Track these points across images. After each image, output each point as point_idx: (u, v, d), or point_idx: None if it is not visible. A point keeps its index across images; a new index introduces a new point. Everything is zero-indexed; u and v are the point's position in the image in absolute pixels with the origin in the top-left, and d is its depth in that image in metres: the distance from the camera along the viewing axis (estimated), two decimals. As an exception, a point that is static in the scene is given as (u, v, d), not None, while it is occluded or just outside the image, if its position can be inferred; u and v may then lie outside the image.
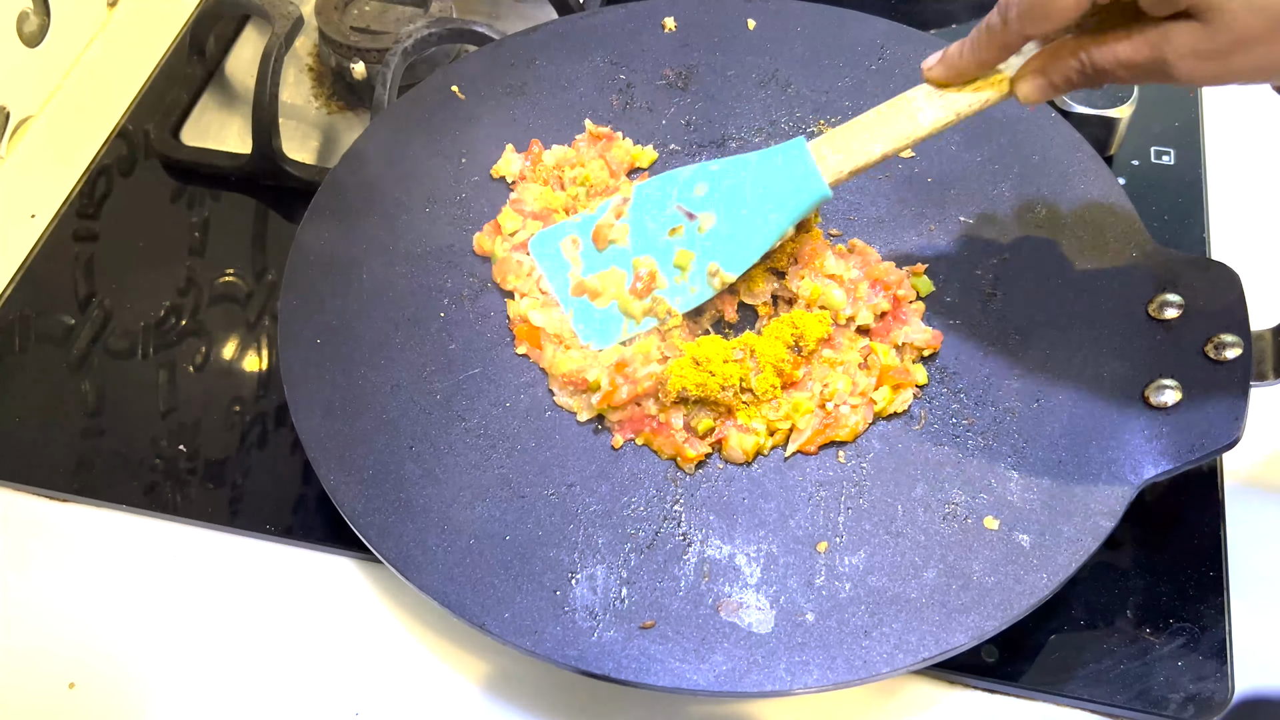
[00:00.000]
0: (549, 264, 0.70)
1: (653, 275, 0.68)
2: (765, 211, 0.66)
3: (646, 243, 0.69)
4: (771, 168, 0.66)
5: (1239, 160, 0.85)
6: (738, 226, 0.66)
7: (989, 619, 0.57)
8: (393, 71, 0.81)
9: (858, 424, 0.64)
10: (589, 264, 0.70)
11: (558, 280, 0.70)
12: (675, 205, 0.68)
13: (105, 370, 0.75)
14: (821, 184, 0.64)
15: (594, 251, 0.70)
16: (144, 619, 0.65)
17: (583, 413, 0.66)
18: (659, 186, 0.69)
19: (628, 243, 0.69)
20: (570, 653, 0.57)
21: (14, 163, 0.87)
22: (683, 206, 0.68)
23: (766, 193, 0.66)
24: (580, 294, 0.69)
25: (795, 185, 0.65)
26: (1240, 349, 0.62)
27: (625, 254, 0.69)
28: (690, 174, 0.68)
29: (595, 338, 0.68)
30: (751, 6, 0.82)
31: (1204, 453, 0.60)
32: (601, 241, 0.69)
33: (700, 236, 0.67)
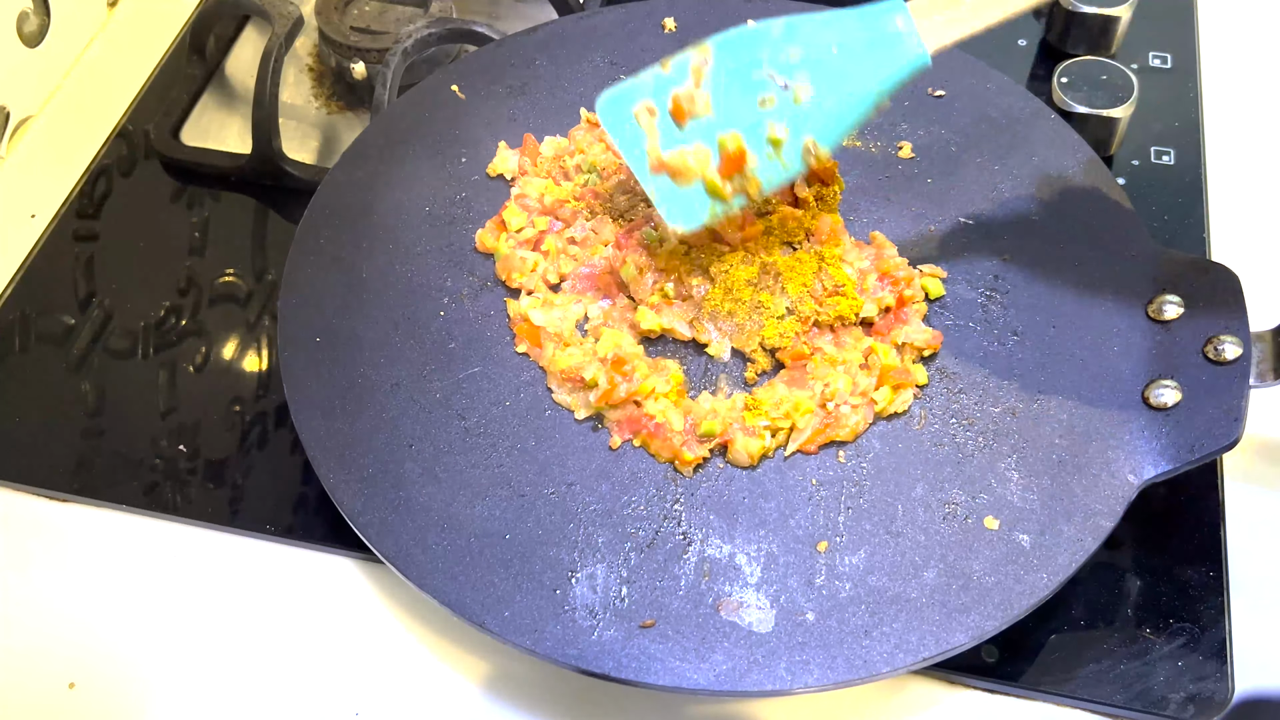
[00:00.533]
0: (621, 134, 0.65)
1: (742, 155, 0.63)
2: (862, 78, 0.61)
3: (733, 114, 0.63)
4: (869, 29, 0.61)
5: (1239, 160, 0.85)
6: (833, 96, 0.62)
7: (989, 619, 0.57)
8: (393, 71, 0.81)
9: (858, 424, 0.64)
10: (667, 137, 0.64)
11: (633, 154, 0.65)
12: (767, 70, 0.62)
13: (105, 370, 0.75)
14: (922, 51, 0.60)
15: (672, 124, 0.64)
16: (144, 619, 0.65)
17: (580, 410, 0.66)
18: (745, 45, 0.63)
19: (712, 112, 0.63)
20: (570, 652, 0.57)
21: (14, 163, 0.87)
22: (775, 73, 0.62)
23: (863, 57, 0.61)
24: (660, 171, 0.64)
25: (894, 50, 0.61)
26: (1240, 349, 0.62)
27: (710, 126, 0.63)
28: (781, 31, 0.62)
29: (681, 218, 0.64)
30: (751, 6, 0.82)
31: (1204, 453, 0.60)
32: (681, 115, 0.64)
33: (795, 108, 0.62)
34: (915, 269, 0.69)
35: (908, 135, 0.77)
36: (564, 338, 0.68)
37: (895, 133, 0.77)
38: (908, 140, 0.77)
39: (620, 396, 0.64)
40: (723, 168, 0.63)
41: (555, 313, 0.68)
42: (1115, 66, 0.83)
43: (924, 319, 0.68)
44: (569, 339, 0.68)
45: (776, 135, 0.62)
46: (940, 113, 0.78)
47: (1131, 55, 0.90)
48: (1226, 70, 0.90)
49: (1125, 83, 0.82)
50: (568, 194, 0.73)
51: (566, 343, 0.67)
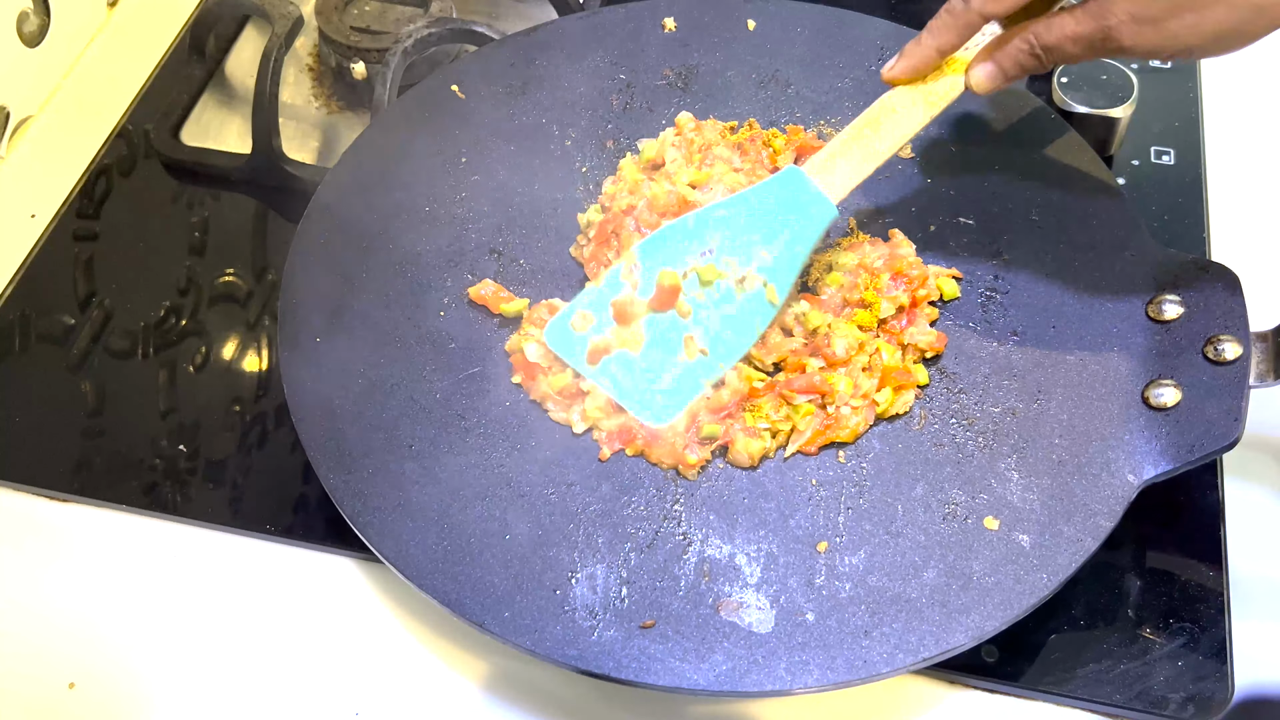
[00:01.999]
0: (570, 351, 0.67)
1: (677, 288, 0.66)
2: (782, 246, 0.66)
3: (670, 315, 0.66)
4: (774, 200, 0.66)
5: (1239, 160, 0.85)
6: (758, 263, 0.66)
7: (989, 619, 0.57)
8: (393, 71, 0.81)
9: (859, 425, 0.64)
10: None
11: (577, 361, 0.66)
12: (690, 256, 0.67)
13: (105, 370, 0.75)
14: (828, 205, 0.65)
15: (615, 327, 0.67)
16: (144, 619, 0.65)
17: (578, 425, 0.65)
18: (667, 241, 0.67)
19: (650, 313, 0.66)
20: (570, 652, 0.57)
21: (14, 163, 0.87)
22: (696, 252, 0.67)
23: (777, 227, 0.66)
24: (598, 358, 0.66)
25: (803, 213, 0.66)
26: (1240, 349, 0.62)
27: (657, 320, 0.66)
28: (694, 223, 0.67)
29: (649, 410, 0.65)
30: (751, 6, 0.82)
31: (1204, 453, 0.60)
32: (625, 318, 0.66)
33: (726, 283, 0.66)
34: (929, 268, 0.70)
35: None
36: (556, 368, 0.67)
37: (895, 133, 0.77)
38: (907, 140, 0.77)
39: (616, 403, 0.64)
40: (656, 299, 0.66)
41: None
42: (1115, 66, 0.83)
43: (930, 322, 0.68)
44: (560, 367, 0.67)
45: (709, 277, 0.66)
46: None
47: (1131, 55, 0.90)
48: (1226, 70, 0.90)
49: (1125, 83, 0.82)
50: None
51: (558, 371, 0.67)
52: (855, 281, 0.68)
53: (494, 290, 0.70)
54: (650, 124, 0.79)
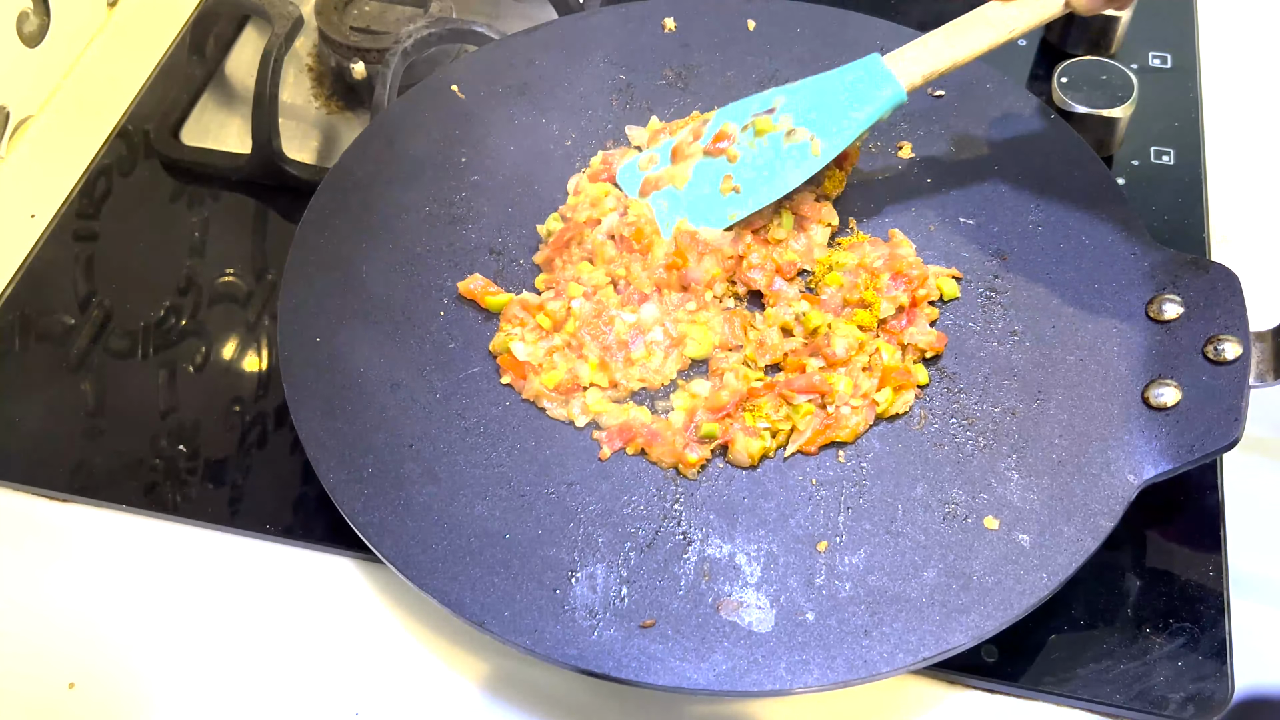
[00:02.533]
0: (628, 185, 0.73)
1: (727, 134, 0.71)
2: (845, 110, 0.68)
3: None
4: (847, 81, 0.69)
5: (1239, 160, 0.85)
6: (818, 125, 0.69)
7: (989, 619, 0.57)
8: (393, 71, 0.81)
9: (859, 425, 0.64)
10: None
11: (630, 181, 0.73)
12: (751, 114, 0.71)
13: (105, 370, 0.75)
14: (897, 87, 0.68)
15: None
16: (144, 619, 0.65)
17: (579, 419, 0.65)
18: (737, 106, 0.72)
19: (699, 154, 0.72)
20: (570, 652, 0.57)
21: (14, 163, 0.87)
22: (759, 110, 0.71)
23: (845, 98, 0.69)
24: (648, 190, 0.72)
25: (871, 90, 0.68)
26: (1240, 349, 0.62)
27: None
28: (768, 93, 0.72)
29: (705, 218, 0.70)
30: (751, 7, 0.82)
31: (1204, 453, 0.60)
32: (679, 157, 0.72)
33: (779, 134, 0.70)
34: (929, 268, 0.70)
35: (908, 135, 0.77)
36: (546, 366, 0.67)
37: (895, 133, 0.77)
38: (907, 140, 0.77)
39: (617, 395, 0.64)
40: (710, 144, 0.71)
41: (541, 346, 0.68)
42: (1115, 66, 0.83)
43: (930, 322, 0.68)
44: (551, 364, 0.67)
45: (763, 126, 0.71)
46: (940, 113, 0.78)
47: (1131, 55, 0.90)
48: (1226, 70, 0.90)
49: (1125, 83, 0.82)
50: None
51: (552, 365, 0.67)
52: (855, 281, 0.68)
53: (483, 285, 0.70)
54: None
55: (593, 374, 0.66)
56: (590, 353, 0.66)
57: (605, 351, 0.66)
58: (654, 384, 0.66)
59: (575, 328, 0.67)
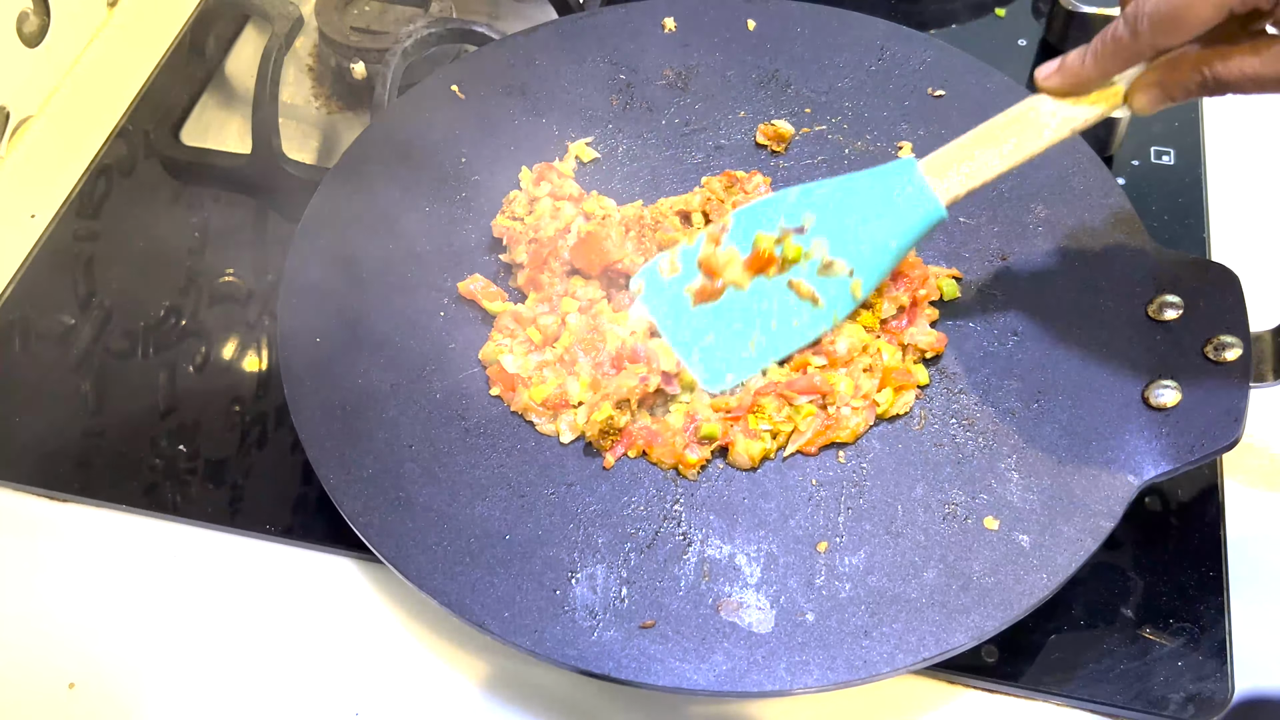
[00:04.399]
0: (659, 308, 0.66)
1: (771, 255, 0.64)
2: (879, 235, 0.63)
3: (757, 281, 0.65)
4: (880, 190, 0.63)
5: (1239, 160, 0.85)
6: (849, 253, 0.64)
7: (989, 619, 0.57)
8: (393, 71, 0.81)
9: (859, 425, 0.64)
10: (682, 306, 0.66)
11: (669, 321, 0.66)
12: (780, 227, 0.65)
13: (105, 370, 0.75)
14: (937, 205, 0.62)
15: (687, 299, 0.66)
16: (144, 619, 0.65)
17: (565, 435, 0.65)
18: (760, 211, 0.65)
19: (745, 282, 0.65)
20: (570, 652, 0.57)
21: (14, 163, 0.87)
22: (789, 227, 0.65)
23: (877, 218, 0.63)
24: (701, 299, 0.65)
25: (907, 208, 0.62)
26: (1240, 350, 0.62)
27: (735, 295, 0.65)
28: (796, 198, 0.65)
29: (712, 377, 0.65)
30: (751, 7, 0.82)
31: (1204, 453, 0.60)
32: (712, 269, 0.65)
33: (812, 262, 0.65)
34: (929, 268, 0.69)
35: (908, 135, 0.77)
36: (535, 380, 0.67)
37: (895, 132, 0.77)
38: (908, 140, 0.77)
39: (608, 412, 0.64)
40: (749, 261, 0.65)
41: (532, 358, 0.67)
42: (1115, 66, 0.83)
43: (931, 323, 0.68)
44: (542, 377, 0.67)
45: (807, 288, 0.65)
46: (940, 113, 0.78)
47: (1131, 55, 0.90)
48: (1226, 70, 0.90)
49: (1125, 83, 0.82)
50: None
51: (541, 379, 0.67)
52: None
53: (483, 285, 0.70)
54: (650, 124, 0.79)
55: (582, 392, 0.65)
56: (582, 370, 0.66)
57: (597, 369, 0.66)
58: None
59: (569, 343, 0.67)
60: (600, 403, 0.64)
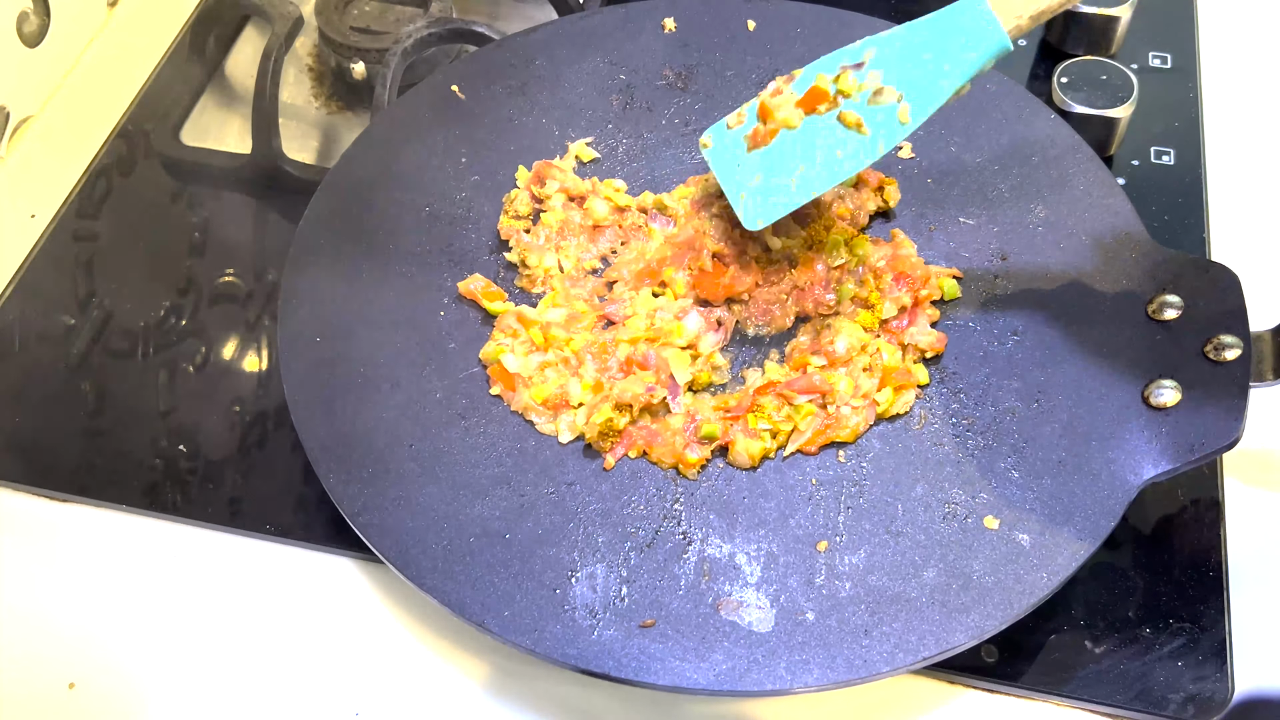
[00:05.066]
0: (721, 160, 0.68)
1: (825, 92, 0.64)
2: (938, 66, 0.62)
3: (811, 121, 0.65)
4: (944, 27, 0.62)
5: (1239, 160, 0.85)
6: (908, 84, 0.63)
7: (989, 619, 0.57)
8: (393, 71, 0.81)
9: (859, 425, 0.64)
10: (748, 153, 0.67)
11: (725, 169, 0.68)
12: (841, 65, 0.65)
13: (105, 370, 0.75)
14: (1000, 34, 0.60)
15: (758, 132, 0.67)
16: (144, 619, 0.65)
17: (564, 435, 0.65)
18: (828, 59, 0.66)
19: (796, 121, 0.66)
20: (570, 651, 0.57)
21: (14, 163, 0.87)
22: (848, 64, 0.65)
23: (939, 52, 0.62)
24: (755, 144, 0.66)
25: (968, 37, 0.61)
26: (1240, 349, 0.62)
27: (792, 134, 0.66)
28: (862, 42, 0.65)
29: (759, 214, 0.66)
30: (751, 7, 0.82)
31: (1204, 453, 0.60)
32: (768, 113, 0.66)
33: (864, 93, 0.64)
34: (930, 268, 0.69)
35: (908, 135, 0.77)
36: (536, 379, 0.67)
37: (895, 133, 0.77)
38: (908, 140, 0.77)
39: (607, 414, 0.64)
40: (804, 99, 0.65)
41: (533, 359, 0.67)
42: (1115, 66, 0.83)
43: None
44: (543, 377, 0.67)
45: (854, 116, 0.64)
46: (940, 112, 0.77)
47: (1131, 55, 0.90)
48: (1226, 70, 0.90)
49: (1125, 83, 0.82)
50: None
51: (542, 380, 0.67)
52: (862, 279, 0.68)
53: (483, 285, 0.70)
54: (650, 124, 0.79)
55: (583, 393, 0.65)
56: (586, 372, 0.66)
57: (603, 371, 0.66)
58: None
59: (579, 347, 0.67)
60: (600, 404, 0.64)
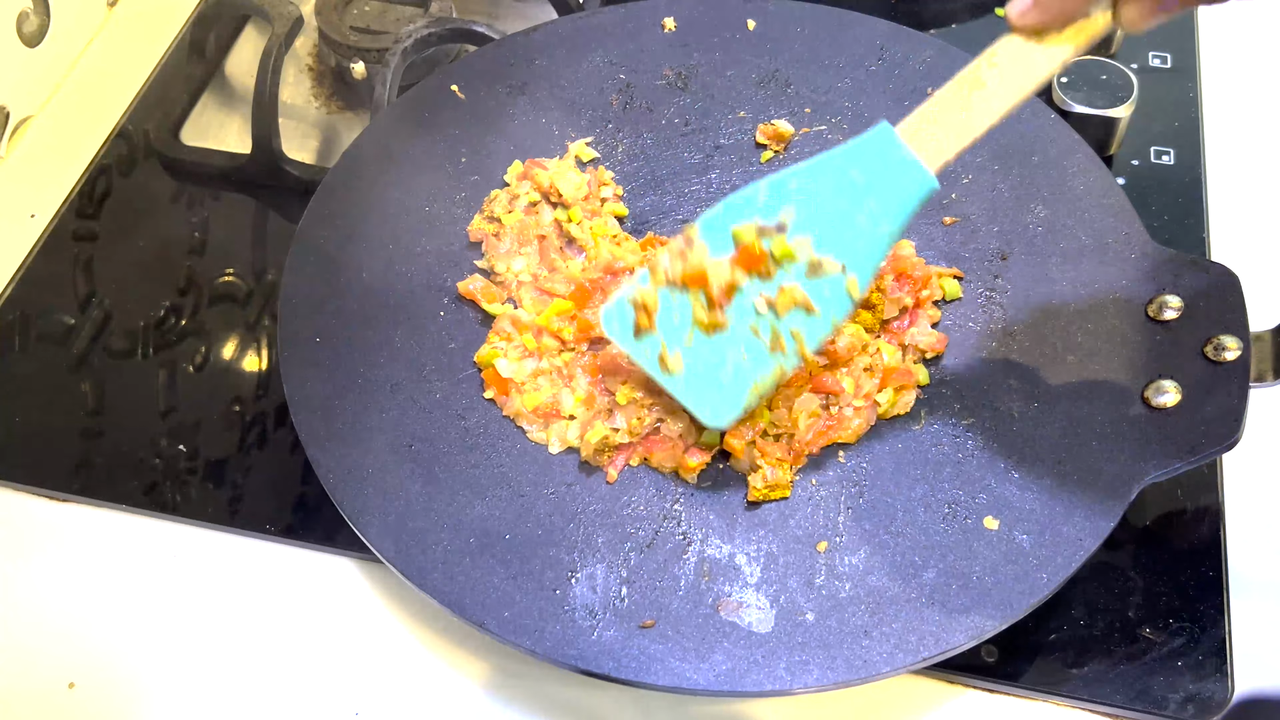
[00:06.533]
0: (628, 338, 0.61)
1: (760, 252, 0.56)
2: (867, 225, 0.56)
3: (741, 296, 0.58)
4: (860, 170, 0.56)
5: (1239, 160, 0.85)
6: (838, 247, 0.57)
7: (989, 619, 0.57)
8: (393, 71, 0.81)
9: (861, 426, 0.64)
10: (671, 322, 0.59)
11: (643, 354, 0.60)
12: (758, 227, 0.57)
13: (105, 370, 0.75)
14: (926, 175, 0.55)
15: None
16: (144, 619, 0.65)
17: (554, 446, 0.65)
18: (732, 214, 0.58)
19: (741, 280, 0.58)
20: (570, 652, 0.57)
21: (14, 163, 0.87)
22: (767, 225, 0.57)
23: (862, 202, 0.56)
24: (640, 330, 0.59)
25: (893, 185, 0.55)
26: (1240, 350, 0.62)
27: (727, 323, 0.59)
28: (767, 192, 0.57)
29: (715, 414, 0.59)
30: (751, 6, 0.82)
31: (1204, 453, 0.60)
32: (694, 281, 0.58)
33: (797, 265, 0.57)
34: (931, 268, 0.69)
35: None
36: (529, 386, 0.67)
37: (895, 133, 0.77)
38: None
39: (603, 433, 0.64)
40: (739, 258, 0.57)
41: (527, 364, 0.67)
42: (1115, 66, 0.83)
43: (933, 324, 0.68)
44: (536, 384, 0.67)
45: (801, 296, 0.57)
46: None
47: (1131, 55, 0.90)
48: (1226, 70, 0.90)
49: (1125, 83, 0.82)
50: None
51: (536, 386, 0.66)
52: None
53: (483, 285, 0.70)
54: (650, 124, 0.79)
55: (575, 405, 0.65)
56: (579, 385, 0.66)
57: (595, 385, 0.66)
58: None
59: (569, 358, 0.67)
60: (594, 420, 0.64)
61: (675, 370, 0.59)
